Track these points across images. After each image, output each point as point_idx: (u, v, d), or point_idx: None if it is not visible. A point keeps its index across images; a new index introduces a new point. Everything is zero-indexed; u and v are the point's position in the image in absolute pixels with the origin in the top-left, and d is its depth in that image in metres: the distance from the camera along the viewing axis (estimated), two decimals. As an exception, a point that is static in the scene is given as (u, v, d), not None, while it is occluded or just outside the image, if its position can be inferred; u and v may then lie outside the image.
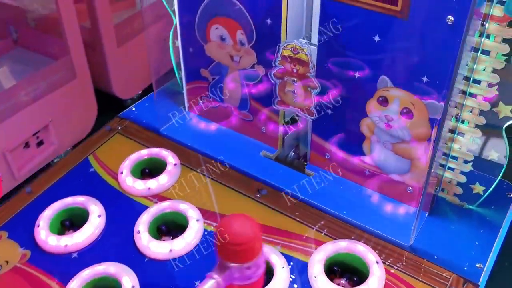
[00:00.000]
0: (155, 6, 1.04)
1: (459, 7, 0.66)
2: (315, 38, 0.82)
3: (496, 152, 0.80)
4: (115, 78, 1.32)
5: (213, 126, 1.04)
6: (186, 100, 1.07)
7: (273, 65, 0.86)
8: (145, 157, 0.96)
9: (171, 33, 1.03)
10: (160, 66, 1.06)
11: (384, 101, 0.80)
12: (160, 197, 0.89)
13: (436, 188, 0.86)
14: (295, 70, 0.83)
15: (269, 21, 0.84)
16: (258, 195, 0.89)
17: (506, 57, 0.72)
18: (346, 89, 0.83)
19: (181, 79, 1.07)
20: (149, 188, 0.89)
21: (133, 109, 1.10)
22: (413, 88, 0.76)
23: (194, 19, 0.93)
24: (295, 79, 0.85)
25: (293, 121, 1.00)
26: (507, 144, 0.78)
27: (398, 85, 0.77)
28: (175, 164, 0.93)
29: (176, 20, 0.97)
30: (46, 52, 1.23)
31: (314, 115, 0.87)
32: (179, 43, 0.99)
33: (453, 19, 0.67)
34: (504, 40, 0.71)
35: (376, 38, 0.75)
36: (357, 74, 0.80)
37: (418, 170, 0.83)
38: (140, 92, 1.43)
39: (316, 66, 0.82)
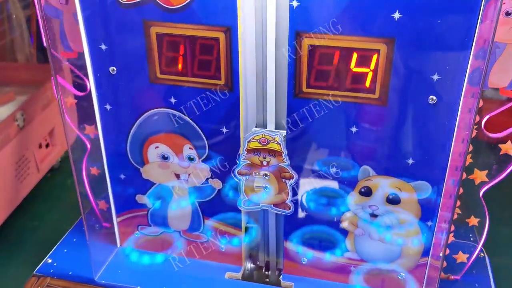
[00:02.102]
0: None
1: (440, 86, 0.65)
2: (271, 127, 0.75)
3: (476, 218, 0.80)
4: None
5: (160, 258, 0.89)
6: (117, 235, 0.90)
7: (237, 162, 0.76)
8: (91, 318, 0.77)
9: (83, 161, 0.88)
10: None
11: (367, 192, 0.75)
12: None
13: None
14: (265, 163, 0.75)
15: (224, 129, 0.75)
16: (245, 328, 0.76)
17: (476, 126, 0.73)
18: (323, 187, 0.76)
19: (101, 211, 0.91)
20: None
21: (49, 260, 0.89)
22: (399, 173, 0.73)
23: (125, 142, 0.80)
24: (267, 173, 0.76)
25: (245, 230, 0.90)
26: (486, 210, 0.79)
27: (381, 173, 0.73)
28: (134, 318, 0.76)
29: (89, 145, 0.83)
30: None
31: (292, 209, 0.78)
32: (105, 170, 0.84)
33: (435, 98, 0.66)
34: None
35: (354, 129, 0.71)
36: (333, 170, 0.75)
37: (410, 254, 0.79)
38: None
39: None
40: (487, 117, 0.72)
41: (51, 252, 0.91)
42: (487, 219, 0.80)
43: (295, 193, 0.77)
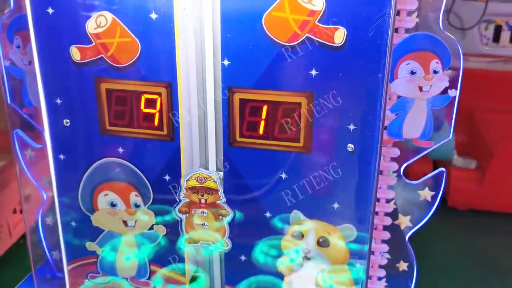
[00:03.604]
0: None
1: (356, 135, 0.73)
2: (212, 167, 0.81)
3: (405, 262, 0.85)
4: None
5: (107, 305, 0.92)
6: (68, 283, 0.93)
7: (177, 200, 0.82)
8: None
9: (39, 211, 0.93)
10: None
11: (299, 235, 0.81)
12: None
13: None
14: (203, 201, 0.80)
15: (167, 177, 0.82)
16: None
17: (396, 173, 0.80)
18: (258, 230, 0.82)
19: (55, 260, 0.94)
20: None
21: (-1, 308, 0.92)
22: (326, 216, 0.79)
23: (76, 190, 0.86)
24: (204, 210, 0.81)
25: (194, 279, 0.94)
26: (413, 254, 0.84)
27: (311, 217, 0.79)
28: None
29: (52, 195, 0.88)
30: None
31: (229, 246, 0.83)
32: (57, 220, 0.89)
33: (353, 146, 0.74)
34: (392, 159, 0.80)
35: (283, 175, 0.78)
36: (268, 214, 0.80)
37: (342, 297, 0.83)
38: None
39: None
40: (404, 165, 0.80)
41: (3, 301, 0.94)
42: (415, 264, 0.85)
43: (233, 241, 0.83)
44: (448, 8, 1.87)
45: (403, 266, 0.85)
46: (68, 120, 0.82)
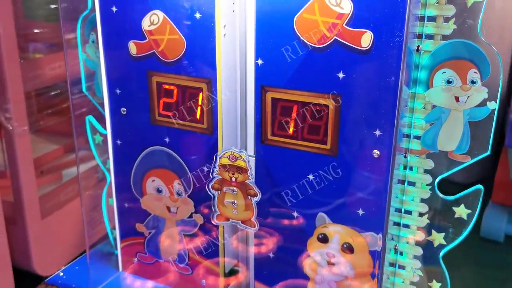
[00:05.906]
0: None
1: (382, 142, 0.72)
2: (251, 151, 0.83)
3: (437, 282, 0.81)
4: (36, 253, 1.22)
5: (149, 285, 0.99)
6: (120, 260, 1.02)
7: (211, 177, 0.86)
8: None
9: (104, 192, 1.02)
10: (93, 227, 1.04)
11: (324, 239, 0.81)
12: None
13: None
14: (233, 179, 0.83)
15: (205, 168, 0.86)
16: None
17: (430, 187, 0.77)
18: (286, 230, 0.83)
19: (114, 239, 1.03)
20: None
21: (61, 274, 1.03)
22: (350, 222, 0.78)
23: (129, 174, 0.94)
24: (235, 189, 0.84)
25: (233, 272, 0.97)
26: (447, 273, 0.80)
27: (336, 221, 0.79)
28: (109, 328, 0.86)
29: (111, 178, 0.97)
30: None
31: (256, 226, 0.85)
32: (113, 200, 0.98)
33: (379, 153, 0.73)
34: (426, 171, 0.77)
35: (310, 177, 0.78)
36: (295, 214, 0.82)
37: (366, 308, 0.81)
38: (63, 267, 1.36)
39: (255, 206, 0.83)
40: (439, 178, 0.76)
41: (65, 266, 1.05)
42: (448, 285, 0.80)
43: (262, 238, 0.85)
44: None
45: (435, 286, 0.81)
46: (125, 109, 0.90)
